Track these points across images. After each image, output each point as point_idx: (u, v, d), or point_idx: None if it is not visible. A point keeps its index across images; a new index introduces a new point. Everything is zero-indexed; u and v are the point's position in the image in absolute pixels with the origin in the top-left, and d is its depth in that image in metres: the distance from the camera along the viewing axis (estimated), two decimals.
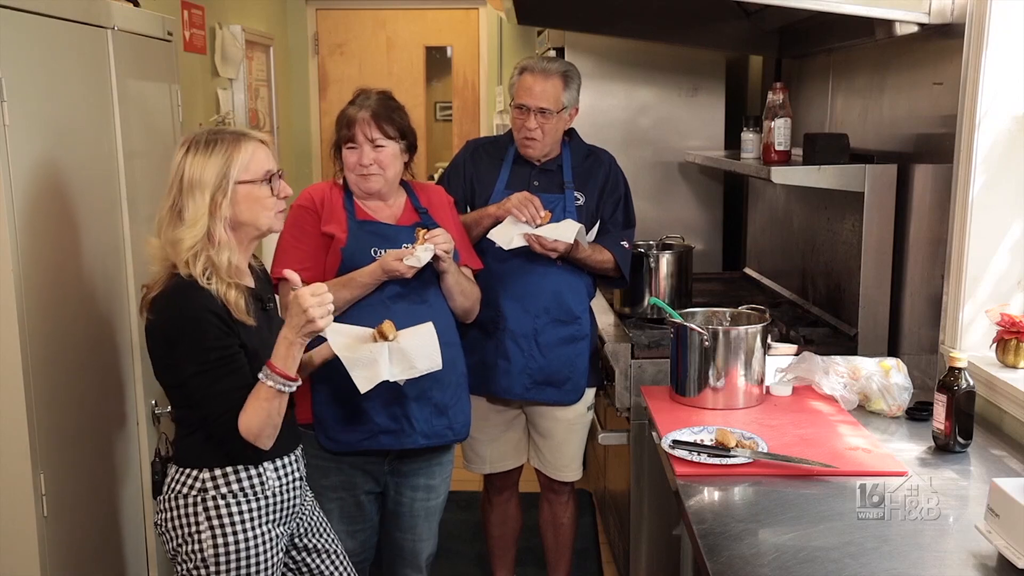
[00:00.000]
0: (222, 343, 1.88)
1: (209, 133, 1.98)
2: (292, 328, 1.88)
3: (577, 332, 2.83)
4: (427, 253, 2.29)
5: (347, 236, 2.39)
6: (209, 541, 1.92)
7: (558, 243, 2.64)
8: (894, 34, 2.56)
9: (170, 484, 1.97)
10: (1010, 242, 2.33)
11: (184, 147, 1.96)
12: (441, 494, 2.60)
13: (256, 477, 1.97)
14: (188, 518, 1.94)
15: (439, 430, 2.45)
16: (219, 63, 4.34)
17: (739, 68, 4.31)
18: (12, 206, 2.00)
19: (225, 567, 1.93)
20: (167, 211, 1.93)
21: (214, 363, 1.87)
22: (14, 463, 2.06)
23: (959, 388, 2.01)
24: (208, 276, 1.89)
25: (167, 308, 1.90)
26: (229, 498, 1.94)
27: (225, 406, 1.88)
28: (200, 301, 1.87)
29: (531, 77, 2.73)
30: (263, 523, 1.98)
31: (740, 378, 2.32)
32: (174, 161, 1.95)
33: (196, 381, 1.88)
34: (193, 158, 1.93)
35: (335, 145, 2.45)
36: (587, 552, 3.62)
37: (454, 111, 6.17)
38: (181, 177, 1.92)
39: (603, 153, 2.91)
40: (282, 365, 1.87)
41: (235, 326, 1.90)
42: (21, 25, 2.08)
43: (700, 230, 4.12)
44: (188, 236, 1.89)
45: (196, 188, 1.91)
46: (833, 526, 1.69)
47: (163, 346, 1.92)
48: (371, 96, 2.43)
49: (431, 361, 2.18)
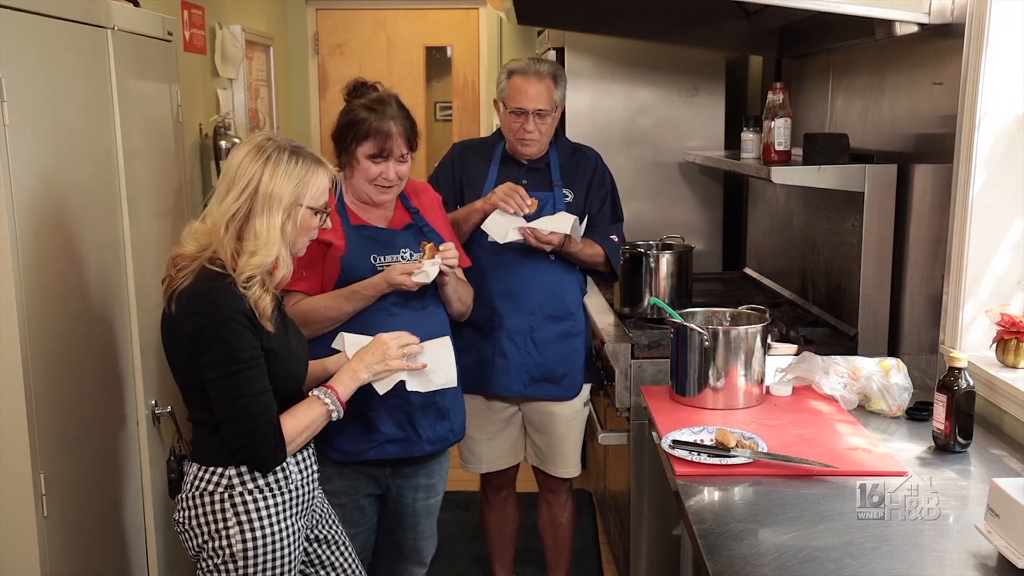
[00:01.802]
0: (252, 344, 1.89)
1: (290, 146, 1.96)
2: (365, 366, 2.06)
3: (572, 328, 2.85)
4: (435, 268, 2.30)
5: (345, 243, 2.36)
6: (238, 536, 1.93)
7: (553, 235, 2.65)
8: (894, 34, 2.56)
9: (192, 482, 1.97)
10: (1010, 242, 2.33)
11: (260, 151, 1.92)
12: (440, 491, 2.61)
13: (280, 472, 1.99)
14: (215, 515, 1.94)
15: (442, 434, 2.47)
16: (219, 63, 4.33)
17: (739, 68, 4.31)
18: (12, 206, 2.00)
19: (253, 561, 1.94)
20: (233, 214, 1.89)
21: (248, 363, 1.88)
22: (14, 463, 2.05)
23: (959, 388, 2.01)
24: (249, 284, 1.89)
25: (197, 311, 1.88)
26: (256, 493, 1.95)
27: (260, 407, 1.89)
28: (232, 303, 1.87)
29: (524, 80, 2.74)
30: (288, 516, 2.00)
31: (740, 378, 2.32)
32: (244, 161, 1.91)
33: (225, 383, 1.88)
34: (274, 168, 1.90)
35: (344, 141, 2.39)
36: (587, 552, 3.62)
37: (454, 111, 6.17)
38: (257, 185, 1.89)
39: (588, 150, 2.93)
40: (343, 392, 2.02)
41: (259, 329, 1.91)
42: (21, 25, 2.08)
43: (700, 230, 4.12)
44: (263, 253, 1.89)
45: (273, 201, 1.90)
46: (833, 526, 1.69)
47: (188, 347, 1.90)
48: (391, 105, 2.38)
49: (447, 377, 2.23)
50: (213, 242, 1.91)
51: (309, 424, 1.98)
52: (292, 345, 2.03)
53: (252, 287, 1.89)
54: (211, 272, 1.90)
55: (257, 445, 1.90)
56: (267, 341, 1.92)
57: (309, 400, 2.00)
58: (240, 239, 1.90)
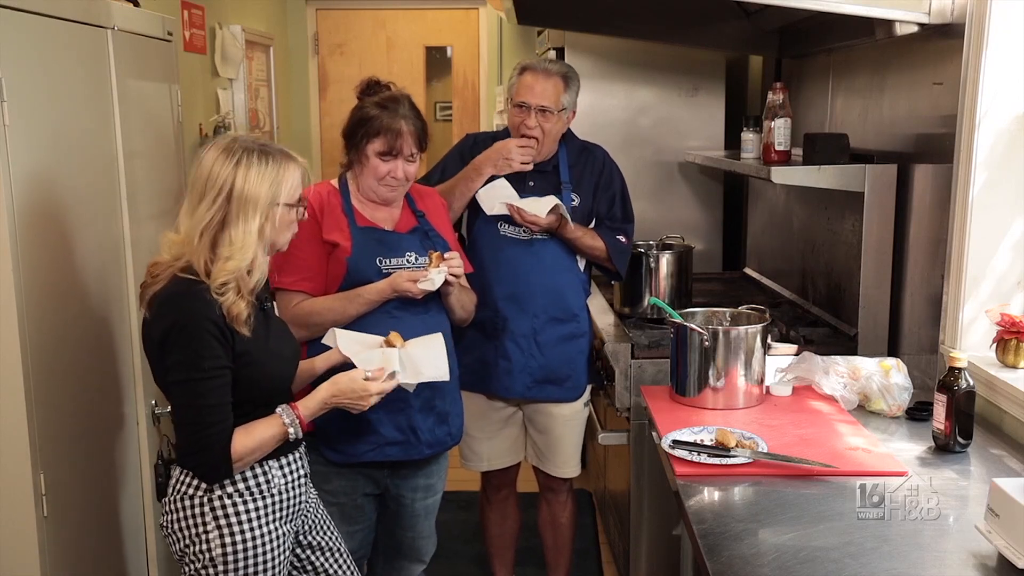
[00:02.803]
0: (216, 354, 1.86)
1: (258, 146, 1.93)
2: (338, 398, 2.03)
3: (576, 330, 2.84)
4: (441, 277, 2.30)
5: (351, 245, 2.36)
6: (217, 541, 1.92)
7: (537, 218, 2.65)
8: (894, 34, 2.56)
9: (175, 486, 1.96)
10: (1010, 242, 2.33)
11: (229, 155, 1.89)
12: (439, 491, 2.61)
13: (262, 476, 1.97)
14: (195, 519, 1.93)
15: (441, 438, 2.47)
16: (219, 63, 4.34)
17: (739, 68, 4.31)
18: (12, 206, 2.00)
19: (233, 566, 1.92)
20: (208, 222, 1.87)
21: (209, 372, 1.85)
22: (14, 463, 2.06)
23: (959, 388, 2.01)
24: (223, 291, 1.86)
25: (166, 311, 1.87)
26: (235, 497, 1.94)
27: (214, 418, 1.87)
28: (201, 308, 1.85)
29: (532, 76, 2.73)
30: (270, 521, 1.98)
31: (740, 378, 2.32)
32: (214, 168, 1.88)
33: (184, 388, 1.86)
34: (246, 171, 1.88)
35: (355, 137, 2.38)
36: (587, 552, 3.62)
37: (454, 111, 6.17)
38: (231, 190, 1.87)
39: (597, 149, 2.91)
40: (307, 416, 2.00)
41: (229, 333, 1.88)
42: (21, 25, 2.08)
43: (700, 230, 4.12)
44: (238, 258, 1.86)
45: (249, 205, 1.87)
46: (833, 526, 1.69)
47: (157, 348, 1.89)
48: (403, 104, 2.37)
49: (438, 371, 2.21)
50: (186, 252, 1.88)
51: (262, 444, 1.94)
52: (273, 347, 1.99)
53: (226, 293, 1.86)
54: (182, 278, 1.87)
55: (201, 455, 1.87)
56: (240, 345, 1.89)
57: (271, 418, 1.96)
58: (214, 247, 1.88)
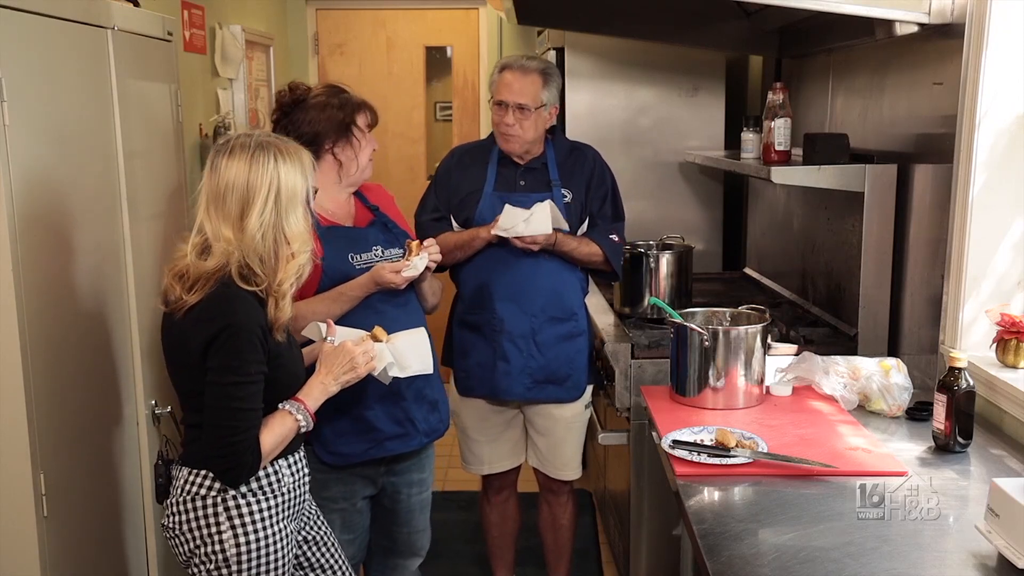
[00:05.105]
0: (260, 359, 1.88)
1: (269, 139, 1.94)
2: (332, 376, 2.02)
3: (574, 329, 2.84)
4: (423, 262, 2.35)
5: (322, 245, 2.35)
6: (231, 540, 1.92)
7: (536, 237, 2.66)
8: (894, 34, 2.56)
9: (183, 487, 1.95)
10: (1010, 242, 2.33)
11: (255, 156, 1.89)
12: (430, 485, 2.65)
13: (273, 475, 1.98)
14: (207, 519, 1.92)
15: (435, 425, 2.52)
16: (219, 63, 4.33)
17: (739, 68, 4.31)
18: (12, 206, 2.00)
19: (247, 565, 1.93)
20: (272, 225, 1.88)
21: (252, 377, 1.87)
22: (14, 463, 2.05)
23: (959, 388, 2.01)
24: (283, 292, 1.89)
25: (216, 314, 1.85)
26: (249, 496, 1.94)
27: (250, 422, 1.88)
28: (253, 313, 1.87)
29: (511, 74, 2.75)
30: (279, 520, 1.99)
31: (740, 378, 2.32)
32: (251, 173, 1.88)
33: (224, 391, 1.85)
34: (284, 167, 1.90)
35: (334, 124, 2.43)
36: (587, 552, 3.62)
37: (454, 111, 6.17)
38: (279, 189, 1.89)
39: (587, 148, 2.92)
40: (312, 405, 1.99)
41: (270, 343, 1.91)
42: (21, 25, 2.08)
43: (700, 230, 4.12)
44: (301, 251, 1.91)
45: (296, 196, 1.91)
46: (833, 526, 1.69)
47: (199, 348, 1.86)
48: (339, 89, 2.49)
49: (423, 364, 2.24)
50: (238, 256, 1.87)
51: (283, 439, 1.96)
52: (295, 350, 2.05)
53: (286, 295, 1.90)
54: (230, 282, 1.88)
55: (235, 459, 1.87)
56: (275, 348, 1.92)
57: (282, 413, 1.96)
58: (276, 247, 1.91)
